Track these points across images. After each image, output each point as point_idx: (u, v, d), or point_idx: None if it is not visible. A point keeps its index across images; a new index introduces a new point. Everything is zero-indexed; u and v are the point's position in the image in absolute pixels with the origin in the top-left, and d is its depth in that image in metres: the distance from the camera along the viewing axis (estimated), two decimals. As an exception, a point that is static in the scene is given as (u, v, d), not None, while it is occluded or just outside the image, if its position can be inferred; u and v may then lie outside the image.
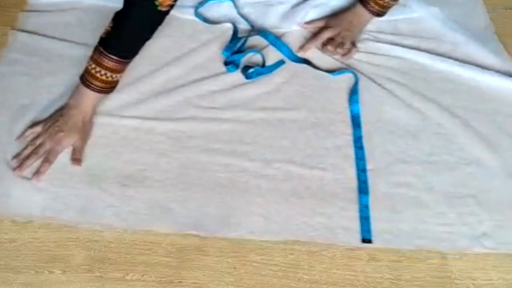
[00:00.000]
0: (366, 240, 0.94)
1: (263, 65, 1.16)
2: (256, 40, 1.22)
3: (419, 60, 1.18)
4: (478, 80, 1.16)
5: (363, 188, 0.99)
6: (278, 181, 1.00)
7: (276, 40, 1.20)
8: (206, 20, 1.22)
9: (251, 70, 1.15)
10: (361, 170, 1.02)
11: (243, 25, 1.25)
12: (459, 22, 1.24)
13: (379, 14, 1.20)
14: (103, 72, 0.99)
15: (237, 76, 1.15)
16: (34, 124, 1.03)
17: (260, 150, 1.04)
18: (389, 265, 0.92)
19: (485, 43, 1.22)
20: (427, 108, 1.12)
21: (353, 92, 1.13)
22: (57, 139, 1.00)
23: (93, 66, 0.99)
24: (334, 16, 1.23)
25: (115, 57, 0.98)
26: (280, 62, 1.18)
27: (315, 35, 1.21)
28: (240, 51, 1.19)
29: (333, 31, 1.20)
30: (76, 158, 1.00)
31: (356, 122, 1.08)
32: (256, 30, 1.23)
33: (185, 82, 1.13)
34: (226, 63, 1.16)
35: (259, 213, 0.96)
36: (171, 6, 0.96)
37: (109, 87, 1.02)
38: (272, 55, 1.19)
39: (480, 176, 1.02)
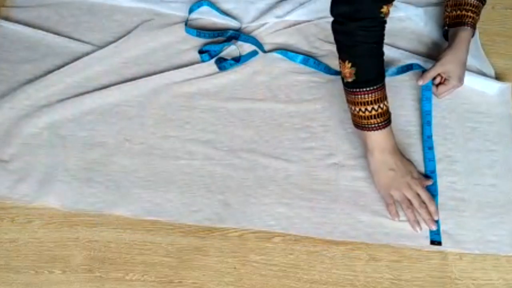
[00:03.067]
0: (436, 242, 0.94)
1: (238, 59, 1.17)
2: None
3: (395, 57, 1.18)
4: None
5: (432, 190, 0.99)
6: (242, 170, 1.02)
7: (254, 41, 1.20)
8: (198, 33, 1.22)
9: (224, 61, 1.16)
10: (431, 172, 1.01)
11: (226, 21, 1.25)
12: (441, 22, 1.24)
13: (475, 26, 1.12)
14: (369, 108, 0.94)
15: (211, 66, 1.16)
16: (389, 206, 0.97)
17: (223, 139, 1.06)
18: (389, 265, 0.92)
19: None
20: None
21: (426, 89, 1.11)
22: (413, 185, 0.97)
23: (357, 109, 0.95)
24: (443, 59, 1.09)
25: (371, 88, 0.94)
26: (253, 53, 1.18)
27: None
28: (216, 42, 1.20)
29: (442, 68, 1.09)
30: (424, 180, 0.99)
31: (427, 120, 1.07)
32: (240, 30, 1.23)
33: (157, 70, 1.15)
34: (201, 52, 1.18)
35: (220, 200, 0.98)
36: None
37: (387, 118, 0.96)
38: (247, 47, 1.19)
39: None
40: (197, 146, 1.05)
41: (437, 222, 0.95)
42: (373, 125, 0.95)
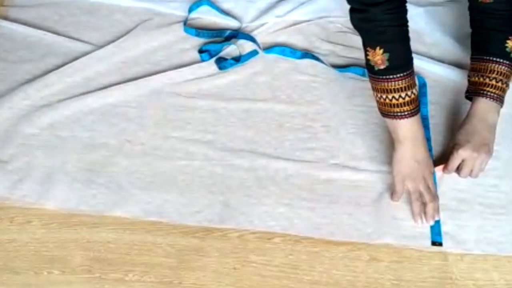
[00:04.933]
0: (437, 243, 0.94)
1: (238, 59, 1.17)
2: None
3: None
4: (452, 80, 1.15)
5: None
6: (243, 171, 1.01)
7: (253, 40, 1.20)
8: (197, 32, 1.22)
9: (224, 61, 1.16)
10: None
11: (226, 21, 1.25)
12: (441, 22, 1.24)
13: (501, 98, 0.98)
14: (403, 94, 0.92)
15: (211, 66, 1.16)
16: (394, 194, 0.97)
17: (223, 140, 1.05)
18: (390, 265, 0.92)
19: (465, 42, 1.21)
20: None
21: (421, 95, 1.11)
22: (428, 179, 0.96)
23: (390, 96, 0.92)
24: (461, 137, 0.99)
25: (400, 74, 0.91)
26: (253, 53, 1.18)
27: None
28: (216, 42, 1.20)
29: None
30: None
31: (424, 124, 1.05)
32: (239, 30, 1.23)
33: (157, 70, 1.15)
34: (201, 51, 1.17)
35: (221, 200, 0.98)
36: None
37: (417, 104, 0.94)
38: (247, 47, 1.19)
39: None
40: (198, 146, 1.04)
41: (437, 223, 0.95)
42: (405, 113, 0.93)
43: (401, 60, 0.92)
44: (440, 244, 0.93)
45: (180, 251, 0.92)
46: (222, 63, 1.15)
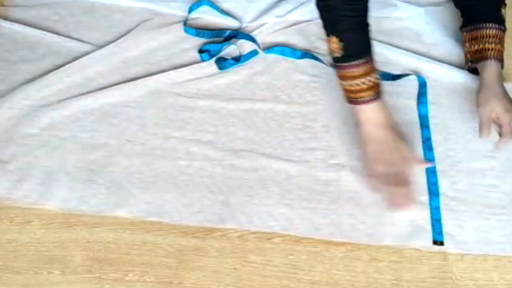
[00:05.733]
0: (438, 242, 0.94)
1: (239, 59, 1.17)
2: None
3: (395, 57, 1.18)
4: (452, 80, 1.15)
5: (433, 190, 0.99)
6: (243, 171, 1.01)
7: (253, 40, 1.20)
8: (197, 32, 1.22)
9: (224, 61, 1.16)
10: (431, 172, 1.01)
11: (226, 21, 1.25)
12: (441, 22, 1.24)
13: (502, 60, 1.04)
14: (360, 82, 0.94)
15: (211, 66, 1.16)
16: (368, 177, 0.98)
17: (223, 140, 1.05)
18: (390, 265, 0.92)
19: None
20: None
21: (421, 95, 1.12)
22: (398, 162, 0.96)
23: (348, 83, 0.95)
24: (478, 103, 1.01)
25: (355, 62, 0.94)
26: (254, 53, 1.18)
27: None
28: (216, 42, 1.20)
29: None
30: (421, 160, 0.99)
31: (424, 123, 1.07)
32: (239, 30, 1.23)
33: (157, 70, 1.15)
34: (201, 51, 1.17)
35: (221, 201, 0.98)
36: None
37: (377, 91, 0.96)
38: (247, 47, 1.19)
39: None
40: (198, 146, 1.04)
41: (439, 221, 0.95)
42: (364, 99, 0.96)
43: (356, 50, 0.94)
44: (442, 243, 0.93)
45: (180, 251, 0.92)
46: (222, 63, 1.15)
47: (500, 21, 1.06)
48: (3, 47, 1.17)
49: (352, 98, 0.97)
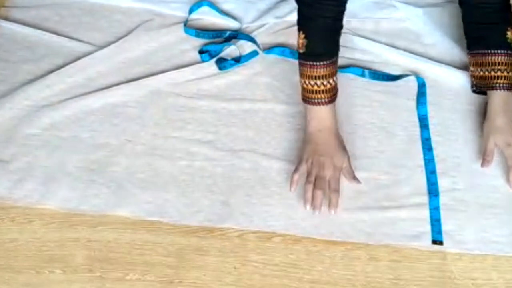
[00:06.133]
0: (438, 242, 0.94)
1: (239, 59, 1.17)
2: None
3: (394, 57, 1.18)
4: (451, 80, 1.15)
5: (433, 190, 0.99)
6: (243, 171, 1.02)
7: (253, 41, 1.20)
8: (197, 33, 1.23)
9: (225, 62, 1.16)
10: (431, 172, 1.01)
11: (226, 21, 1.25)
12: (440, 23, 1.24)
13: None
14: (318, 82, 0.95)
15: (211, 66, 1.16)
16: (294, 171, 0.98)
17: (224, 140, 1.06)
18: (389, 265, 0.92)
19: (464, 43, 1.21)
20: None
21: (420, 95, 1.12)
22: (329, 166, 0.96)
23: (306, 81, 0.97)
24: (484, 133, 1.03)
25: (315, 63, 0.95)
26: (254, 53, 1.18)
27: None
28: (216, 42, 1.21)
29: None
30: (354, 176, 0.98)
31: (424, 124, 1.08)
32: (239, 31, 1.24)
33: (158, 70, 1.16)
34: (201, 52, 1.18)
35: (221, 200, 0.98)
36: None
37: (332, 94, 0.98)
38: (248, 47, 1.20)
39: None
40: (198, 146, 1.05)
41: (438, 221, 0.95)
42: (315, 100, 0.97)
43: (319, 50, 0.95)
44: (441, 243, 0.94)
45: (180, 251, 0.92)
46: (223, 63, 1.16)
47: (507, 45, 1.01)
48: (4, 47, 1.18)
49: (306, 97, 0.98)
